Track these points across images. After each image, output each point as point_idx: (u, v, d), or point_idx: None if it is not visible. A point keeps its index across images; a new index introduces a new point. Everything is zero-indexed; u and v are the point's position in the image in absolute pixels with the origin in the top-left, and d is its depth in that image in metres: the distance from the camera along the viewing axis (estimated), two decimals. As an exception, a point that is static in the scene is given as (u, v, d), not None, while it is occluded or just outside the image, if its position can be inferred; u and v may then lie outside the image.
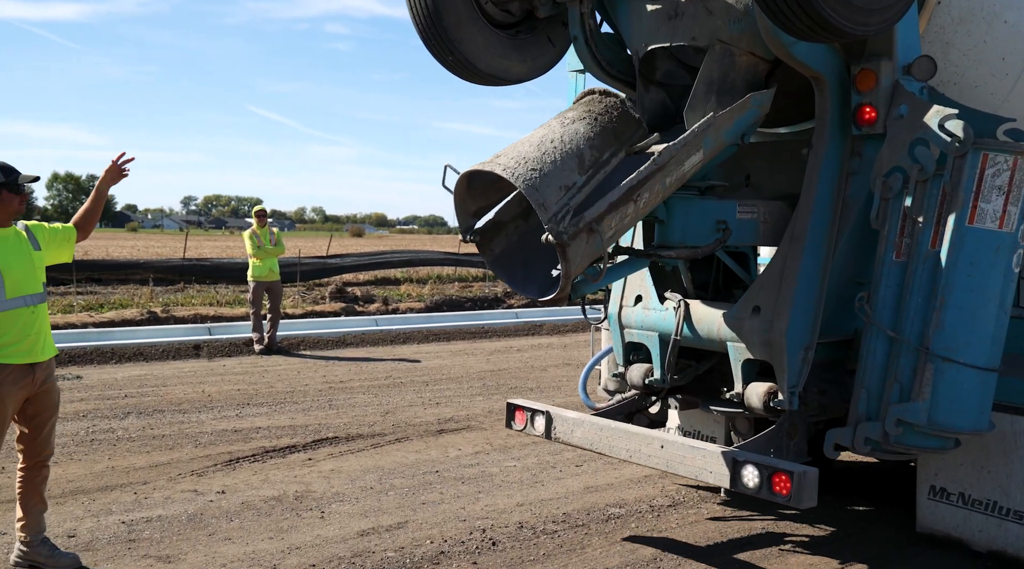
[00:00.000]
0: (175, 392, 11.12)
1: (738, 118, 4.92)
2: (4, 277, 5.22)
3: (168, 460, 7.96)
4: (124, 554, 5.75)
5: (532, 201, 4.29)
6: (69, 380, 11.85)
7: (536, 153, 4.53)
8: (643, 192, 4.48)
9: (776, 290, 5.08)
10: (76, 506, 6.68)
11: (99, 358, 13.49)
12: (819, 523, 6.42)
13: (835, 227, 5.14)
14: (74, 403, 10.33)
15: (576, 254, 4.30)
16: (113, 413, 9.86)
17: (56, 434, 8.55)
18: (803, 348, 5.06)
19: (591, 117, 4.83)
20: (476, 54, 5.60)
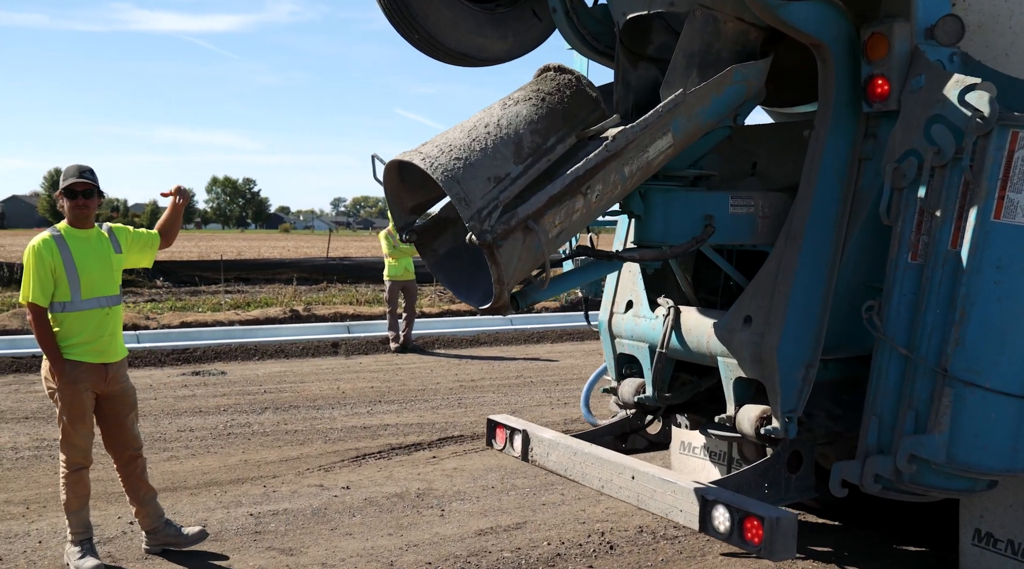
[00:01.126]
0: (311, 388, 11.41)
1: (716, 95, 4.20)
2: (80, 278, 5.47)
3: (298, 455, 8.17)
4: (249, 545, 5.92)
5: (451, 195, 3.63)
6: (214, 376, 12.33)
7: (465, 140, 3.83)
8: (594, 183, 3.81)
9: (769, 298, 4.30)
10: (209, 497, 6.92)
11: (243, 355, 13.97)
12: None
13: (844, 223, 4.33)
14: (216, 398, 10.73)
15: (510, 257, 3.66)
16: (251, 408, 10.19)
17: (196, 428, 8.98)
18: (802, 366, 4.25)
19: (537, 97, 4.06)
20: (444, 30, 5.12)
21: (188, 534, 5.80)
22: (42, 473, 7.51)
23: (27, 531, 6.18)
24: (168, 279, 25.62)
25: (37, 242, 5.47)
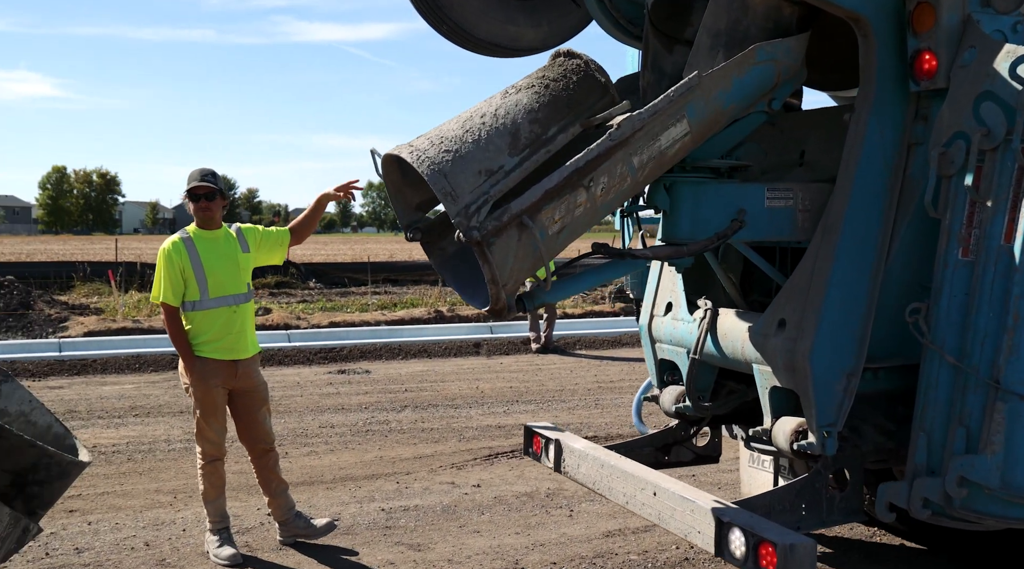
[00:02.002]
0: (451, 388, 11.55)
1: (738, 77, 3.78)
2: (208, 278, 5.64)
3: (432, 452, 8.28)
4: (379, 540, 6.02)
5: (436, 190, 3.36)
6: (358, 374, 12.63)
7: (458, 131, 3.54)
8: (598, 175, 3.48)
9: (803, 299, 3.86)
10: (343, 492, 7.08)
11: (388, 354, 14.26)
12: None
13: (891, 215, 3.85)
14: (359, 396, 10.99)
15: (504, 255, 3.37)
16: (392, 406, 10.38)
17: (337, 424, 9.20)
18: (842, 375, 3.78)
19: (541, 85, 3.73)
20: (473, 20, 4.86)
21: (317, 526, 5.94)
22: (190, 465, 7.82)
23: (173, 519, 6.45)
24: (320, 281, 26.41)
25: (167, 244, 5.70)
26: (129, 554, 5.78)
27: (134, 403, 10.44)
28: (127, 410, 10.09)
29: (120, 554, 5.78)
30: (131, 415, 9.85)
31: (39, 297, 18.35)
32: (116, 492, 7.09)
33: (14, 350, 13.94)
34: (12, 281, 18.74)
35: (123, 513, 6.58)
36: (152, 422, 9.52)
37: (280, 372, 12.78)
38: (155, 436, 8.88)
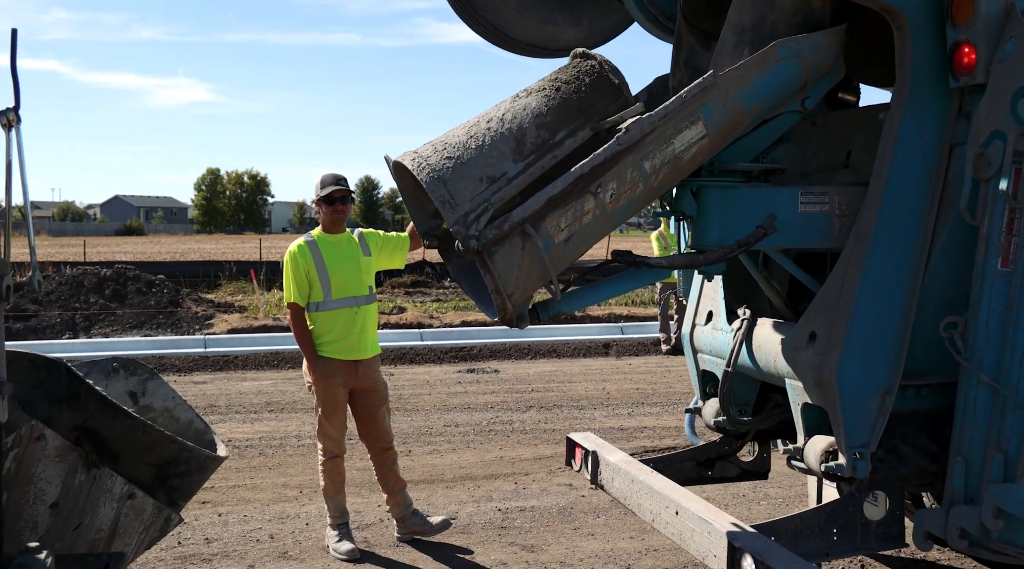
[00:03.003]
0: (577, 388, 11.56)
1: (759, 75, 3.53)
2: (331, 279, 5.80)
3: (552, 454, 8.31)
4: (494, 540, 6.09)
5: (434, 197, 3.23)
6: (487, 373, 12.77)
7: (463, 137, 3.40)
8: (606, 181, 3.31)
9: (833, 310, 3.60)
10: (462, 491, 7.19)
11: (517, 354, 14.36)
12: None
13: (930, 221, 3.58)
14: (485, 395, 11.11)
15: (508, 265, 3.22)
16: (517, 406, 10.46)
17: (461, 423, 9.33)
18: (876, 392, 3.52)
19: (552, 87, 3.54)
20: (509, 19, 4.70)
21: (433, 524, 6.05)
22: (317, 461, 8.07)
23: (298, 513, 6.67)
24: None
25: (292, 248, 5.91)
26: (254, 546, 6.00)
27: (270, 399, 10.82)
28: (263, 406, 10.46)
29: (246, 545, 6.01)
30: (266, 411, 10.21)
31: (187, 295, 19.16)
32: (246, 485, 7.37)
33: (163, 346, 14.63)
34: (163, 280, 19.61)
35: (251, 506, 6.84)
36: (285, 418, 9.85)
37: (411, 371, 13.04)
38: (287, 432, 9.19)
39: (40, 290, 3.08)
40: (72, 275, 19.39)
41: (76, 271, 19.91)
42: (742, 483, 5.49)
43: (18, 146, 2.87)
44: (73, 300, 18.34)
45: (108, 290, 18.85)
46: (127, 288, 19.11)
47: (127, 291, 19.01)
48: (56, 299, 18.33)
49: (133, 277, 19.46)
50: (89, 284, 18.97)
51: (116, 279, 19.29)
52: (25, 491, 3.15)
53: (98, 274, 19.36)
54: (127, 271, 19.77)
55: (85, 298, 18.45)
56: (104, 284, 19.01)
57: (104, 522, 3.39)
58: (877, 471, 3.63)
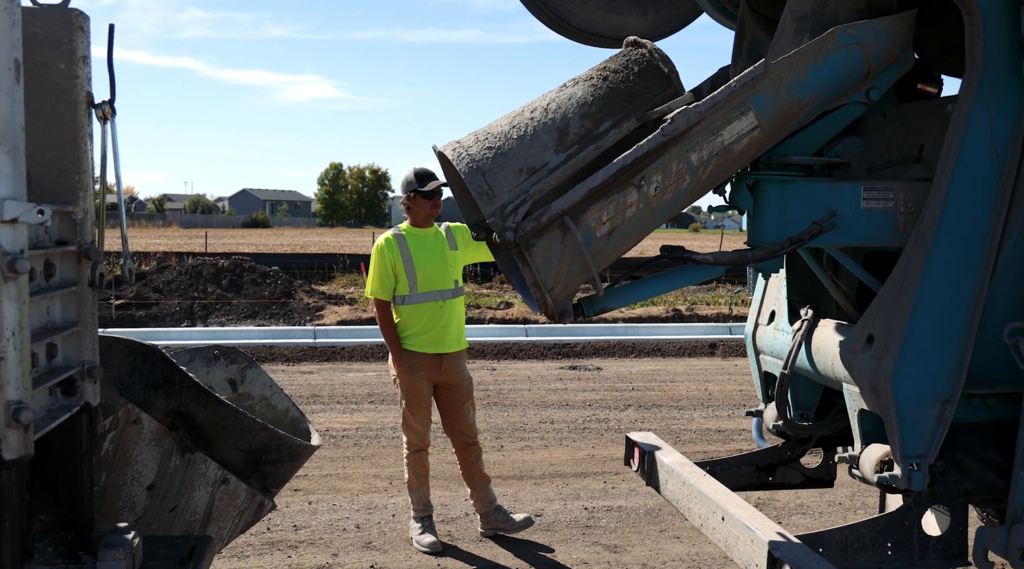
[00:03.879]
0: (679, 388, 11.38)
1: (815, 64, 3.33)
2: (416, 273, 5.77)
3: (643, 453, 8.18)
4: (577, 538, 6.02)
5: (472, 188, 3.14)
6: (589, 371, 12.68)
7: (506, 127, 3.30)
8: (650, 174, 3.15)
9: (891, 313, 3.38)
10: (550, 488, 7.13)
11: (621, 351, 14.23)
12: None
13: (1000, 219, 3.34)
14: (585, 393, 11.03)
15: (547, 258, 3.10)
16: (616, 404, 10.35)
17: (557, 420, 9.26)
18: (935, 401, 3.29)
19: (600, 77, 3.41)
20: (572, 8, 4.55)
21: (516, 521, 6.01)
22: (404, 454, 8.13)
23: (385, 504, 6.71)
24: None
25: (380, 241, 5.93)
26: (340, 535, 6.07)
27: (372, 390, 10.94)
28: (364, 397, 10.59)
29: (332, 534, 6.08)
30: (367, 402, 10.33)
31: (299, 287, 19.57)
32: (338, 474, 7.46)
33: (274, 336, 14.98)
34: (277, 271, 20.08)
35: (341, 495, 6.92)
36: (384, 409, 9.94)
37: (514, 366, 13.03)
38: (383, 423, 9.27)
39: (131, 278, 3.15)
40: (192, 265, 20.02)
41: (196, 261, 20.55)
42: (838, 490, 5.30)
43: (113, 138, 2.93)
44: (192, 289, 18.93)
45: (225, 280, 19.40)
46: (243, 279, 19.63)
47: (243, 282, 19.54)
48: (176, 288, 18.96)
49: (249, 268, 19.99)
50: (207, 274, 19.57)
51: (233, 270, 19.85)
52: (123, 472, 3.23)
53: (216, 265, 19.94)
54: (243, 262, 20.32)
55: (203, 288, 19.03)
56: (221, 274, 19.58)
57: (199, 505, 3.45)
58: (937, 484, 3.42)
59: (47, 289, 2.65)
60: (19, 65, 2.18)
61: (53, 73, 2.77)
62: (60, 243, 2.77)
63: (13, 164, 2.16)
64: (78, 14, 2.75)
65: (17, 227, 2.15)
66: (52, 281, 2.71)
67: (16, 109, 2.18)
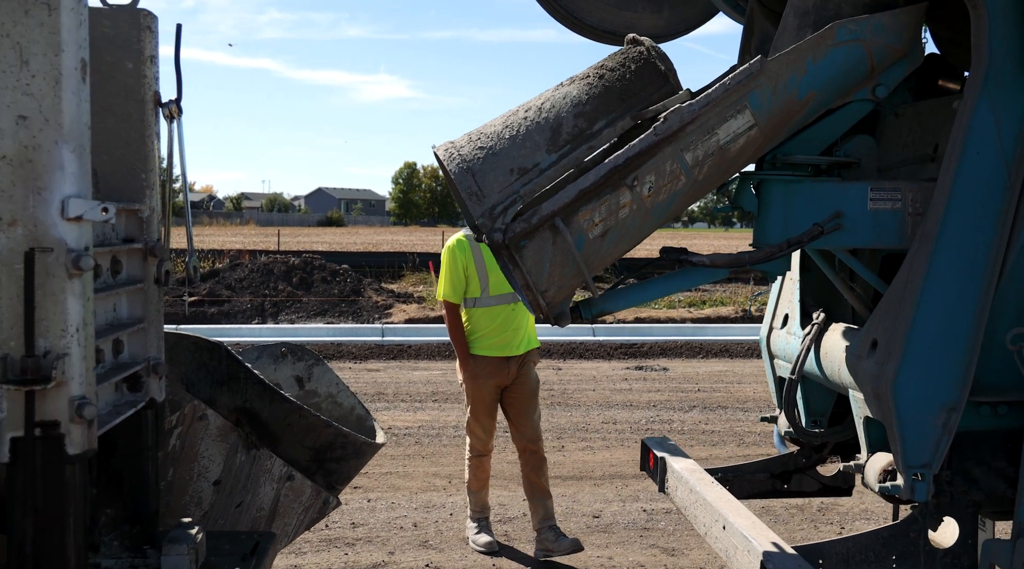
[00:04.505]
0: (745, 390, 11.25)
1: (814, 61, 3.22)
2: (489, 275, 5.73)
3: (707, 456, 8.10)
4: (635, 541, 5.98)
5: (461, 189, 3.09)
6: (655, 371, 12.59)
7: (499, 127, 3.24)
8: (643, 174, 3.07)
9: (894, 317, 3.24)
10: (609, 489, 7.10)
11: (688, 352, 14.12)
12: None
13: (1007, 221, 3.19)
14: (650, 393, 10.96)
15: (538, 260, 3.04)
16: (680, 406, 10.27)
17: (620, 421, 9.22)
18: (940, 408, 3.13)
19: (596, 75, 3.32)
20: (585, 6, 4.45)
21: (563, 544, 5.78)
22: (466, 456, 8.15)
23: (443, 503, 6.74)
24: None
25: (451, 242, 5.89)
26: (397, 533, 6.11)
27: (436, 389, 11.00)
28: (428, 395, 10.64)
29: (389, 532, 6.12)
30: (430, 400, 10.38)
31: (368, 285, 19.75)
32: (398, 473, 7.51)
33: (342, 333, 15.14)
34: (347, 269, 20.29)
35: (400, 493, 6.97)
36: (447, 408, 9.98)
37: (579, 366, 13.00)
38: (445, 422, 9.32)
39: (196, 276, 3.20)
40: (263, 263, 20.32)
41: (268, 260, 20.85)
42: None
43: (179, 137, 2.98)
44: (263, 287, 19.22)
45: (295, 278, 19.66)
46: (313, 277, 19.88)
47: (313, 279, 19.78)
48: (247, 286, 19.26)
49: (319, 266, 20.23)
50: (278, 272, 19.85)
51: (303, 268, 20.10)
52: (190, 468, 3.28)
53: (287, 263, 20.21)
54: (314, 260, 20.57)
55: (274, 285, 19.31)
56: (292, 272, 19.84)
57: (265, 501, 3.49)
58: (943, 494, 3.28)
59: (114, 286, 2.70)
60: (86, 65, 2.22)
61: (121, 72, 2.82)
62: (127, 240, 2.82)
63: (79, 162, 2.20)
64: (146, 14, 2.80)
65: (82, 225, 2.20)
66: (119, 278, 2.76)
67: (82, 108, 2.22)
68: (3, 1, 2.11)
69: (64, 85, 2.17)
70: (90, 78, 2.72)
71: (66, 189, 2.18)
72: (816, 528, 6.26)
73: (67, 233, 2.17)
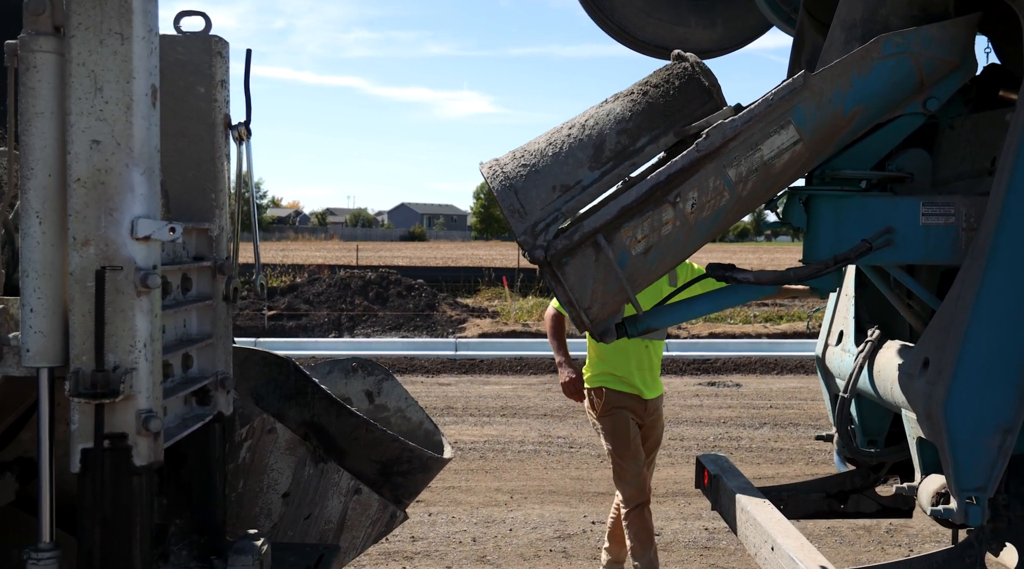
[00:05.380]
0: (819, 407, 11.10)
1: (859, 75, 3.14)
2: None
3: (772, 474, 8.03)
4: (694, 559, 5.97)
5: (504, 206, 3.10)
6: (728, 387, 12.50)
7: (543, 144, 3.22)
8: (685, 191, 3.05)
9: (945, 334, 3.13)
10: (671, 507, 7.08)
11: (762, 368, 13.97)
12: None
13: None
14: (721, 410, 10.87)
15: (581, 277, 3.04)
16: (750, 422, 10.17)
17: (687, 438, 9.18)
18: (995, 430, 3.02)
19: (640, 92, 3.29)
20: (636, 20, 4.38)
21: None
22: (533, 467, 8.17)
23: (504, 518, 6.78)
24: None
25: None
26: (456, 548, 6.16)
27: (505, 403, 11.05)
28: (496, 410, 10.70)
29: (447, 546, 6.19)
30: (499, 415, 10.44)
31: (443, 300, 19.90)
32: (460, 487, 7.58)
33: (416, 347, 15.29)
34: (422, 284, 20.49)
35: (461, 508, 7.03)
36: (515, 423, 10.03)
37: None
38: (511, 436, 9.36)
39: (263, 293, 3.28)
40: (341, 278, 20.61)
41: (345, 274, 21.14)
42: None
43: (248, 158, 3.07)
44: (340, 301, 19.50)
45: (372, 293, 19.90)
46: (389, 291, 20.10)
47: (388, 294, 20.00)
48: (325, 300, 19.56)
49: (395, 281, 20.46)
50: (355, 287, 20.12)
51: (379, 282, 20.35)
52: (259, 480, 3.36)
53: (363, 277, 20.47)
54: (390, 275, 20.81)
55: (351, 300, 19.57)
56: (368, 287, 20.09)
57: (333, 514, 3.55)
58: (999, 519, 3.17)
59: (184, 302, 2.79)
60: (155, 91, 2.31)
61: (193, 96, 2.91)
62: (197, 258, 2.91)
63: (148, 184, 2.29)
64: (216, 40, 2.89)
65: (150, 244, 2.28)
66: (189, 295, 2.84)
67: (151, 132, 2.31)
68: (80, 32, 2.20)
69: (135, 110, 2.25)
70: (163, 102, 2.84)
71: (136, 210, 2.26)
72: (883, 550, 6.17)
73: (136, 252, 2.25)
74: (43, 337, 2.28)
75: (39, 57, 2.25)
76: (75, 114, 2.22)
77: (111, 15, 2.21)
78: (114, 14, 2.21)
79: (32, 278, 2.28)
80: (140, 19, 2.24)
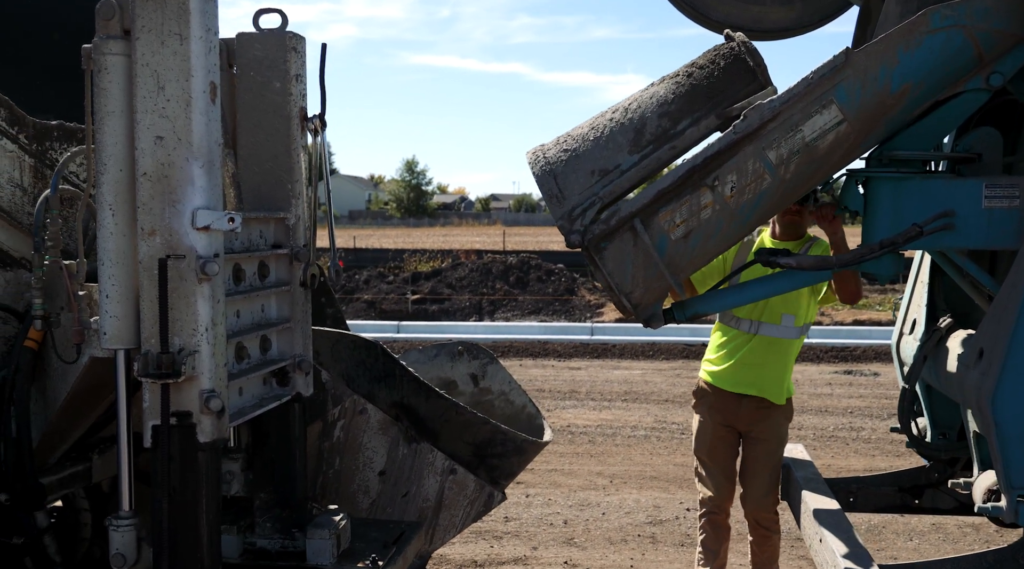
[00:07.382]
0: (961, 399, 10.67)
1: (906, 50, 2.96)
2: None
3: (885, 466, 7.69)
4: (785, 550, 5.78)
5: (543, 192, 3.06)
6: (865, 376, 12.19)
7: (586, 129, 3.17)
8: (724, 174, 2.95)
9: (998, 324, 2.98)
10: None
11: (904, 357, 13.48)
12: None
13: None
14: (850, 399, 10.61)
15: (619, 261, 2.97)
16: (879, 413, 9.87)
17: (805, 426, 9.03)
18: None
19: (685, 74, 3.19)
20: (711, 1, 4.25)
21: None
22: (640, 452, 8.14)
23: (599, 502, 6.80)
24: None
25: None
26: (546, 529, 6.22)
27: (630, 388, 11.03)
28: (619, 394, 10.69)
29: (538, 527, 6.25)
30: (620, 399, 10.43)
31: (582, 284, 19.94)
32: (562, 470, 7.63)
33: (552, 332, 15.39)
34: (562, 269, 20.58)
35: (559, 490, 7.08)
36: (633, 408, 10.00)
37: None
38: (625, 421, 9.34)
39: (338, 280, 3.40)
40: (483, 263, 20.90)
41: (487, 259, 21.42)
42: None
43: (323, 149, 3.20)
44: (482, 286, 19.78)
45: (512, 277, 20.12)
46: (529, 276, 20.27)
47: (528, 279, 20.17)
48: (467, 284, 19.88)
49: (535, 266, 20.61)
50: (496, 272, 20.36)
51: (520, 267, 20.54)
52: (355, 458, 3.51)
53: (504, 262, 20.70)
54: (530, 260, 20.97)
55: (492, 284, 19.83)
56: (509, 272, 20.31)
57: (430, 493, 3.67)
58: None
59: (260, 288, 2.92)
60: (215, 87, 2.43)
61: (270, 91, 3.04)
62: (275, 246, 3.04)
63: (208, 177, 2.42)
64: (292, 36, 3.01)
65: (210, 234, 2.42)
66: (267, 281, 2.98)
67: (212, 127, 2.44)
68: (144, 34, 2.35)
69: (194, 107, 2.38)
70: (241, 97, 2.99)
71: (196, 201, 2.40)
72: (955, 546, 5.92)
73: (197, 241, 2.39)
74: (118, 321, 2.45)
75: (110, 59, 2.41)
76: (140, 112, 2.38)
77: (171, 17, 2.35)
78: (173, 16, 2.35)
79: (107, 266, 2.45)
80: (198, 20, 2.37)
